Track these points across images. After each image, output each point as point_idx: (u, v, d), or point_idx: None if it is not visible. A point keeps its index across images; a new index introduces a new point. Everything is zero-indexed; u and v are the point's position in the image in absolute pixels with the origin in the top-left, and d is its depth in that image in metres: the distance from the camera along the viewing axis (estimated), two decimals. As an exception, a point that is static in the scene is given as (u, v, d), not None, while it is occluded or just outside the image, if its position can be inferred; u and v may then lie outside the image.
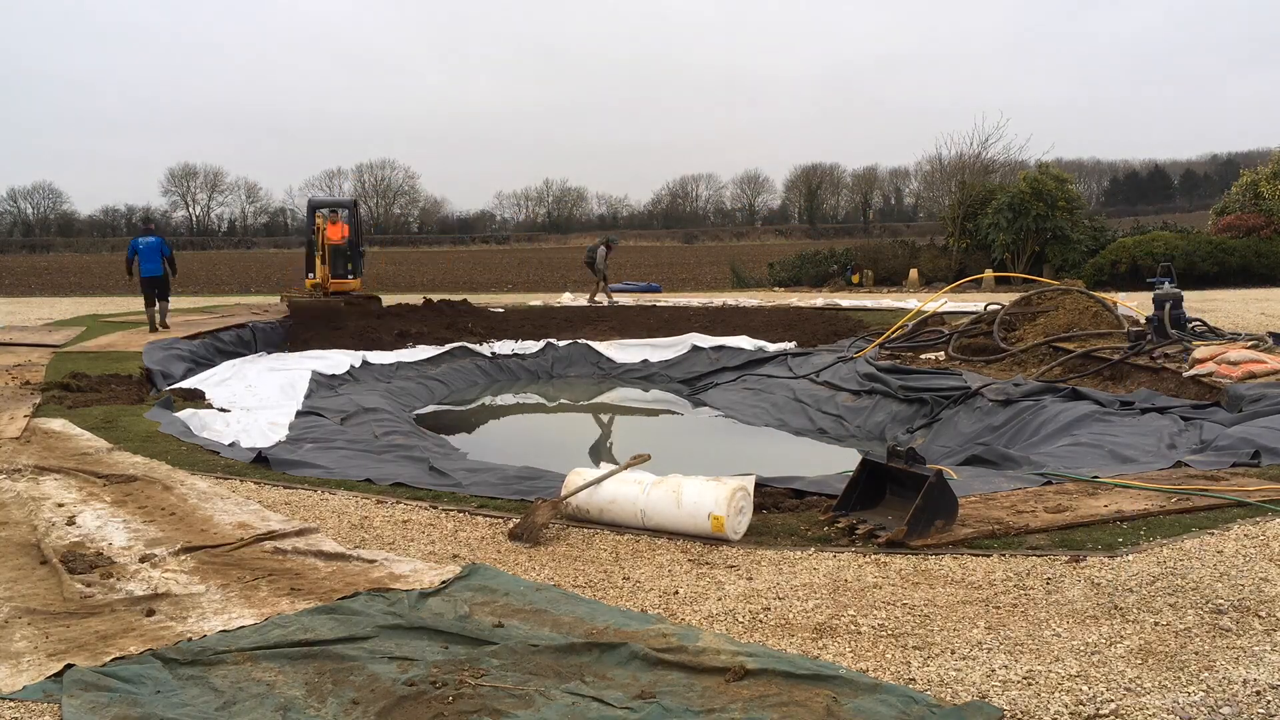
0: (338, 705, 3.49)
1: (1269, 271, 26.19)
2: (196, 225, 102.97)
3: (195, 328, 16.48)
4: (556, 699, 3.48)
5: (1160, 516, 5.54)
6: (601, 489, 5.84)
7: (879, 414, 12.25)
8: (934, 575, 4.76)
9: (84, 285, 39.93)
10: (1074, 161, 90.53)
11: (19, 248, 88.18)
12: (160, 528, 5.80)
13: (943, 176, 37.61)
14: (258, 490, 6.87)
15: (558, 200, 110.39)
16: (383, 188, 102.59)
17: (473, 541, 5.61)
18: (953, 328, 15.09)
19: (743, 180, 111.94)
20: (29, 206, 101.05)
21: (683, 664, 3.71)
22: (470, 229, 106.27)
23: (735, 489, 5.50)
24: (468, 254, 73.78)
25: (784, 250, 45.91)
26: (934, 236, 36.72)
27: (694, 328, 18.21)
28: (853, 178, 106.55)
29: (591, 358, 17.36)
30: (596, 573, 4.97)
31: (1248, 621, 3.99)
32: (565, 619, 4.24)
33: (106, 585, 4.80)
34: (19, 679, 3.74)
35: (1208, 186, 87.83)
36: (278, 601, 4.55)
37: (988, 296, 20.84)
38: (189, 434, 9.10)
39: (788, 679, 3.56)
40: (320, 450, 8.68)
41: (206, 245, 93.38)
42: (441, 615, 4.30)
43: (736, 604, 4.45)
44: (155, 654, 3.91)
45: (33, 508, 6.19)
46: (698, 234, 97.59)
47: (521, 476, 7.35)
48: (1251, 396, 8.67)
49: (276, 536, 5.58)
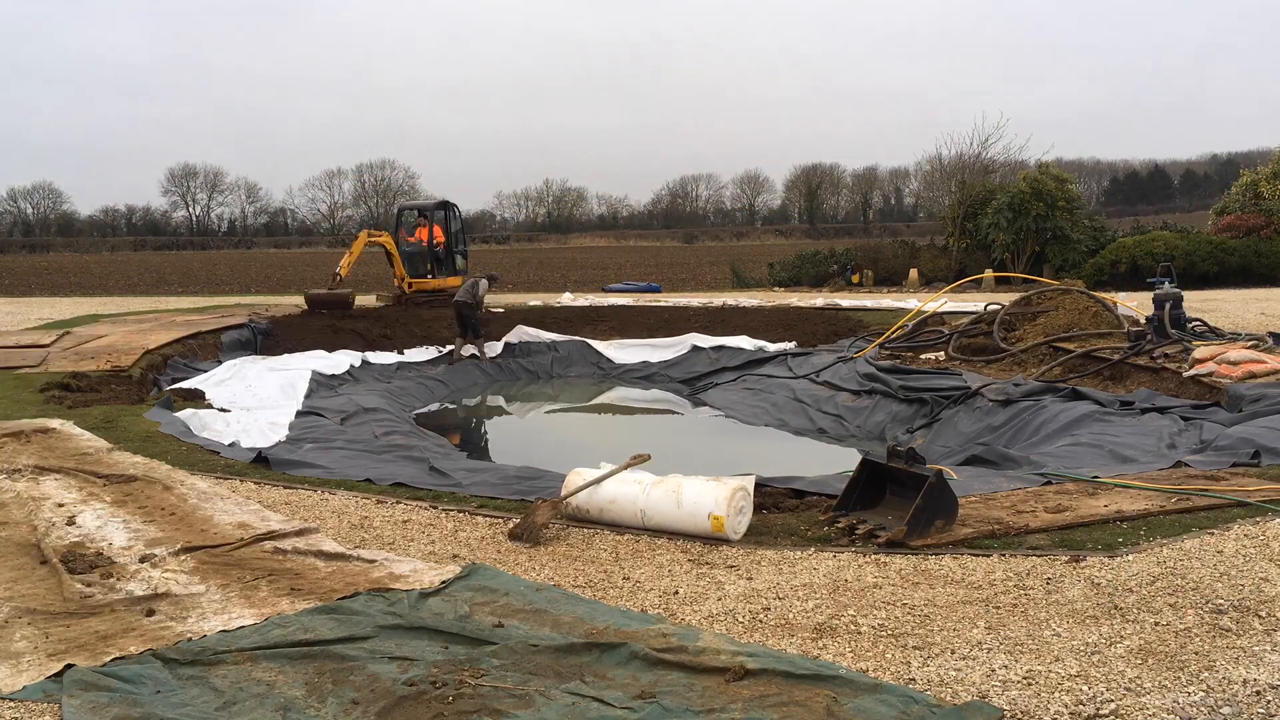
0: (338, 705, 3.49)
1: (1269, 271, 26.18)
2: (196, 225, 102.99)
3: (195, 327, 16.48)
4: (556, 699, 3.48)
5: (1160, 516, 5.54)
6: (601, 489, 5.84)
7: (879, 414, 12.25)
8: (934, 575, 4.76)
9: (84, 285, 39.94)
10: (1074, 161, 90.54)
11: (19, 248, 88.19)
12: (160, 528, 5.80)
13: (943, 176, 37.62)
14: (258, 490, 6.87)
15: (558, 200, 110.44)
16: (383, 188, 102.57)
17: (473, 541, 5.61)
18: (953, 328, 15.09)
19: (743, 180, 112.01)
20: (29, 206, 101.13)
21: (683, 664, 3.71)
22: (470, 229, 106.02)
23: (735, 489, 5.50)
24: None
25: (784, 250, 45.92)
26: (934, 236, 36.71)
27: (694, 328, 18.20)
28: (853, 178, 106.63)
29: (591, 358, 17.36)
30: (596, 573, 4.97)
31: (1248, 621, 3.99)
32: (565, 619, 4.24)
33: (106, 585, 4.80)
34: (19, 679, 3.74)
35: (1208, 186, 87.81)
36: (278, 601, 4.55)
37: (988, 296, 20.83)
38: (189, 434, 9.10)
39: (788, 679, 3.56)
40: (320, 450, 8.69)
41: (207, 245, 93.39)
42: (441, 615, 4.30)
43: (736, 604, 4.45)
44: (155, 654, 3.91)
45: (33, 508, 6.19)
46: (698, 234, 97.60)
47: (521, 476, 7.35)
48: (1252, 396, 8.67)
49: (276, 536, 5.58)
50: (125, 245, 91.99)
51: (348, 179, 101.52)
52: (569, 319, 19.77)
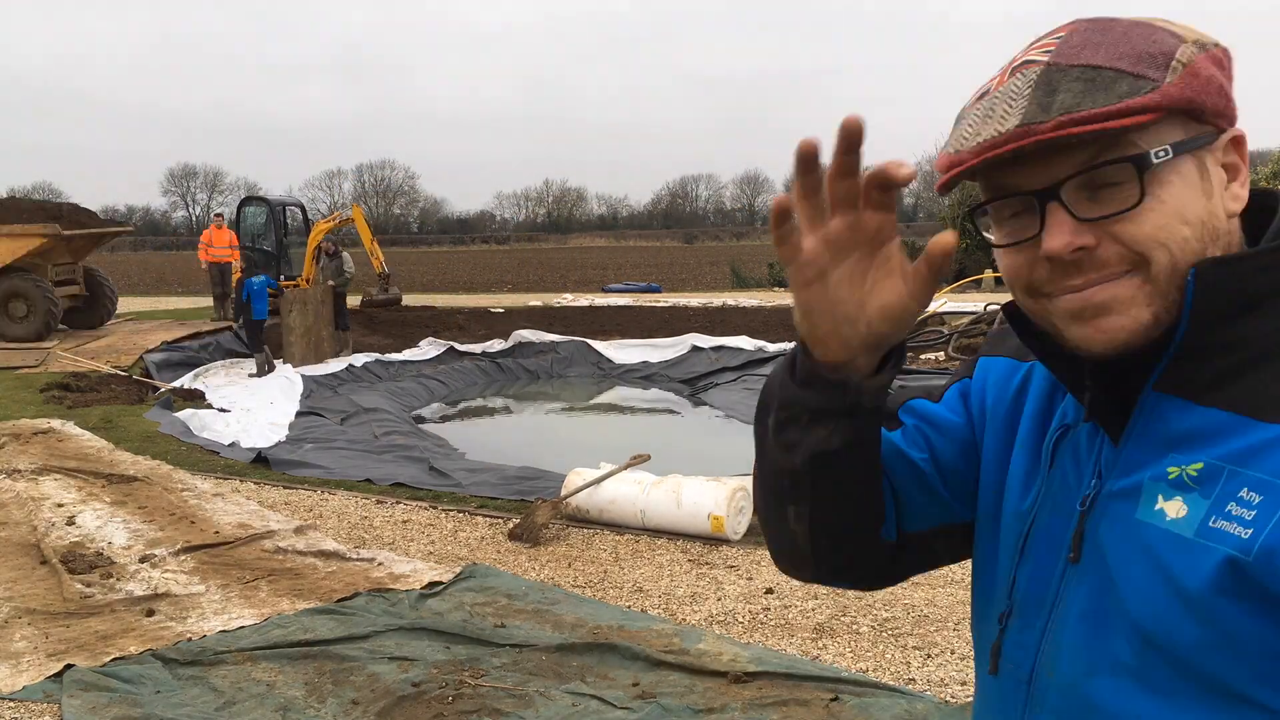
0: (338, 705, 3.49)
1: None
2: (196, 225, 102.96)
3: (195, 328, 16.48)
4: (556, 699, 3.48)
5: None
6: (601, 489, 5.84)
7: (879, 414, 12.25)
8: (933, 575, 4.76)
9: (84, 285, 39.85)
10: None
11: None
12: (160, 528, 5.80)
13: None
14: (258, 490, 6.87)
15: (558, 200, 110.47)
16: (382, 188, 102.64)
17: (473, 541, 5.61)
18: (953, 328, 15.09)
19: (743, 180, 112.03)
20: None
21: (683, 664, 3.71)
22: (470, 229, 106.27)
23: (735, 489, 5.50)
24: (468, 254, 73.80)
25: (784, 250, 45.79)
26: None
27: (694, 328, 18.20)
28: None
29: (591, 358, 17.35)
30: (596, 573, 4.97)
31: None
32: (565, 619, 4.24)
33: (106, 585, 4.80)
34: (19, 679, 3.74)
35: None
36: (278, 601, 4.55)
37: (988, 296, 20.83)
38: (189, 434, 9.10)
39: (788, 679, 3.56)
40: (320, 450, 8.68)
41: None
42: (441, 615, 4.30)
43: (736, 604, 4.45)
44: (155, 654, 3.91)
45: (33, 508, 6.19)
46: (698, 234, 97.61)
47: (521, 476, 7.35)
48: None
49: (276, 536, 5.58)
50: (125, 245, 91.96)
51: (348, 179, 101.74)
52: (569, 319, 19.78)
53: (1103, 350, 0.77)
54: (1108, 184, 0.75)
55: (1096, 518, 0.80)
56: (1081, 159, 0.75)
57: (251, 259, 18.30)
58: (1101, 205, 0.75)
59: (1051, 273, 0.77)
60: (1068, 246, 0.75)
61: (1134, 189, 0.74)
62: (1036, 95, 0.75)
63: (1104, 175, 0.75)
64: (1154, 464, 0.77)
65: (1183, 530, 0.74)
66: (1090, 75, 0.74)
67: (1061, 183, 0.75)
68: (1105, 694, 0.77)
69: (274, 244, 18.37)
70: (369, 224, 18.90)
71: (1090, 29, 0.77)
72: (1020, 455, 0.90)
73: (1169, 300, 0.75)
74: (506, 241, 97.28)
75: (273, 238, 18.39)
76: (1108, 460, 0.81)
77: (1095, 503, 0.81)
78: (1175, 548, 0.74)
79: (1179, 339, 0.76)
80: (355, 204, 20.18)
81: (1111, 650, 0.77)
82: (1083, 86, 0.74)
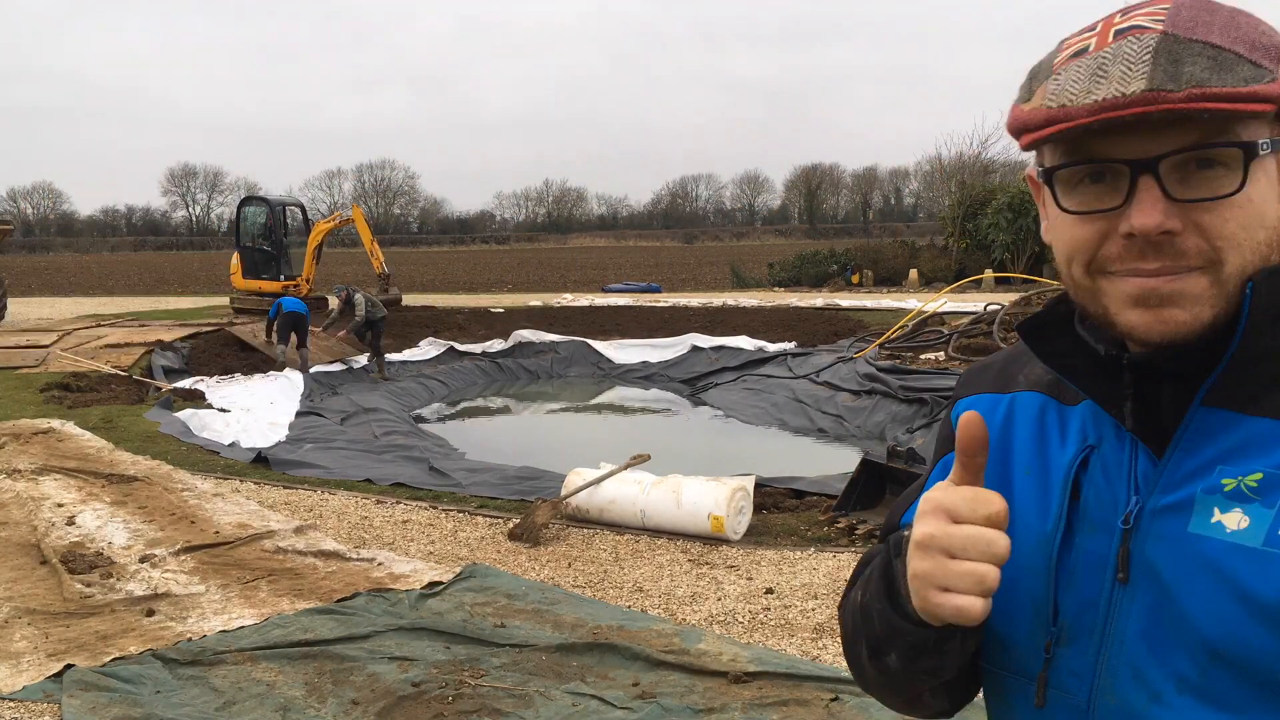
0: (338, 705, 3.49)
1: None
2: (196, 225, 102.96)
3: (195, 328, 16.48)
4: (556, 699, 3.48)
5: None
6: (601, 489, 5.84)
7: (879, 414, 12.25)
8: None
9: (84, 285, 39.92)
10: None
11: (19, 248, 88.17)
12: (160, 528, 5.80)
13: (943, 177, 37.59)
14: (258, 490, 6.87)
15: (558, 200, 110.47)
16: (383, 188, 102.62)
17: (473, 541, 5.61)
18: (953, 328, 15.09)
19: (743, 180, 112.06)
20: (29, 206, 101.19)
21: (683, 664, 3.71)
22: (470, 229, 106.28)
23: (735, 489, 5.50)
24: (467, 254, 73.79)
25: (784, 250, 45.91)
26: (934, 237, 36.71)
27: (694, 328, 18.21)
28: (852, 178, 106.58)
29: (591, 358, 17.36)
30: (596, 573, 4.97)
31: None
32: (565, 619, 4.24)
33: (106, 585, 4.80)
34: (19, 679, 3.74)
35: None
36: (278, 601, 4.55)
37: (987, 296, 20.83)
38: (189, 434, 9.10)
39: (788, 679, 3.56)
40: (320, 450, 8.68)
41: (207, 246, 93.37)
42: (441, 615, 4.30)
43: (736, 604, 4.45)
44: (155, 654, 3.91)
45: (33, 508, 6.19)
46: (698, 234, 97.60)
47: (521, 476, 7.35)
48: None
49: (276, 536, 5.58)
50: (125, 245, 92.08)
51: (348, 179, 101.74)
52: (569, 319, 19.78)
53: (1159, 340, 0.75)
54: (1206, 168, 0.73)
55: (1142, 535, 0.78)
56: (1194, 137, 0.72)
57: (252, 259, 18.33)
58: (1193, 188, 0.73)
59: (1125, 250, 0.75)
60: (1159, 226, 0.73)
61: (1235, 177, 0.72)
62: (1160, 63, 0.71)
63: (1211, 157, 0.72)
64: (1203, 477, 0.76)
65: (1249, 541, 0.72)
66: (1212, 53, 0.72)
67: (1160, 158, 0.73)
68: (1170, 713, 0.75)
69: (274, 244, 18.40)
70: (369, 224, 18.91)
71: (1196, 5, 0.75)
72: (1026, 481, 0.87)
73: (1230, 305, 0.74)
74: (506, 241, 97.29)
75: (273, 238, 18.41)
76: (1145, 475, 0.79)
77: (1139, 520, 0.78)
78: (1243, 559, 0.72)
79: (1233, 350, 0.74)
80: (355, 204, 20.20)
81: (1175, 668, 0.75)
82: (1208, 63, 0.71)
